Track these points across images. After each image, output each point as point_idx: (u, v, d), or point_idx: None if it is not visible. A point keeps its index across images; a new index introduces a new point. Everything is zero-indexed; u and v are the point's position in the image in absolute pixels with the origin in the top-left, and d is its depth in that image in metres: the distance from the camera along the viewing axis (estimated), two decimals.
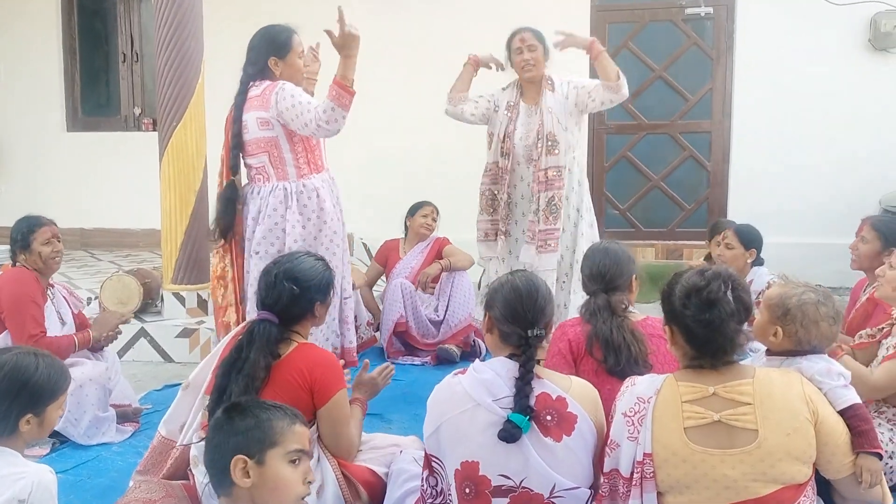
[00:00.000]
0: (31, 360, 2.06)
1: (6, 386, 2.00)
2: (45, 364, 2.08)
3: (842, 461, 2.00)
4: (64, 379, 2.15)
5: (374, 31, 4.09)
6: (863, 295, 3.55)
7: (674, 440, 1.94)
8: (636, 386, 2.07)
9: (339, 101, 3.18)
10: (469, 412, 2.11)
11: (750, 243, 4.05)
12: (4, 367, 2.02)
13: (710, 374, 1.99)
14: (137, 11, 7.96)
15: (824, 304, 2.29)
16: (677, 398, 1.98)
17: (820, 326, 2.26)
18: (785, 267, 4.83)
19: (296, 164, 3.41)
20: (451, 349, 4.77)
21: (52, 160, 7.91)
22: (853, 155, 6.61)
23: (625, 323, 2.66)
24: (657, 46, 7.15)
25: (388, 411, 3.83)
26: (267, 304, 2.56)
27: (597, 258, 2.83)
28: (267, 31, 3.47)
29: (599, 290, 2.76)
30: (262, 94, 3.35)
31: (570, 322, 2.82)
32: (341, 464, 2.55)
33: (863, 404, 2.21)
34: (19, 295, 3.39)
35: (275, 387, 2.45)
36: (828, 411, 1.99)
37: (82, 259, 7.22)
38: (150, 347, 4.83)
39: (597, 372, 2.61)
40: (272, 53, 3.41)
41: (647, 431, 1.97)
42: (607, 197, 7.33)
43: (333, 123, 3.21)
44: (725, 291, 1.97)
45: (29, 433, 2.06)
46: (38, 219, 3.55)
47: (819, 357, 2.29)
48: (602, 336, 2.63)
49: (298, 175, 3.41)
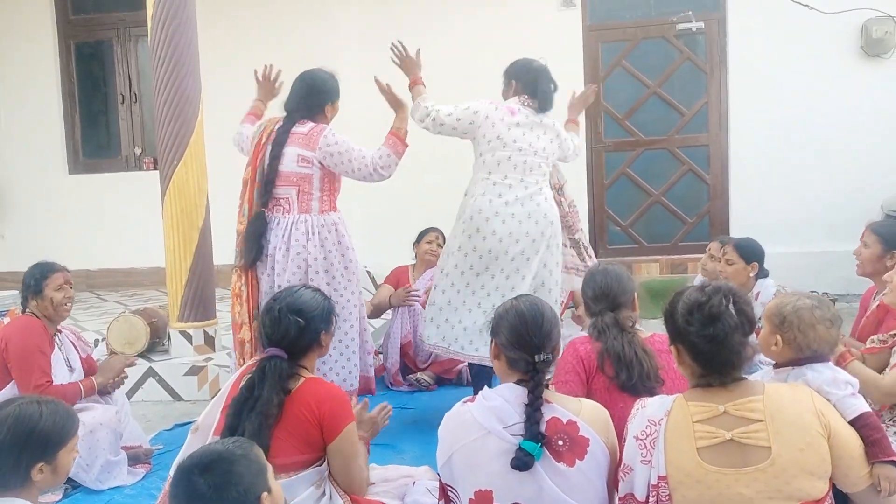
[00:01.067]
0: (35, 409, 2.04)
1: (12, 438, 1.98)
2: (49, 410, 2.06)
3: (858, 474, 1.97)
4: (72, 422, 2.13)
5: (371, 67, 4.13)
6: (873, 302, 3.54)
7: (687, 461, 1.92)
8: (646, 408, 2.05)
9: (395, 149, 3.69)
10: (480, 440, 2.09)
11: (750, 257, 4.04)
12: (8, 420, 2.00)
13: (720, 392, 1.97)
14: (134, 52, 8.04)
15: (819, 307, 2.30)
16: (688, 418, 1.96)
17: (817, 330, 2.27)
18: (791, 276, 4.85)
19: (320, 199, 3.64)
20: (422, 378, 4.87)
21: (55, 203, 7.96)
22: (853, 160, 6.63)
23: (635, 338, 2.66)
24: (651, 63, 7.20)
25: (400, 441, 3.81)
26: (274, 339, 2.56)
27: (598, 279, 2.84)
28: (321, 76, 3.75)
29: (605, 308, 2.76)
30: (309, 134, 3.61)
31: (580, 340, 2.79)
32: (353, 499, 2.54)
33: (872, 412, 2.19)
34: (26, 344, 3.39)
35: (285, 423, 2.44)
36: (840, 424, 1.98)
37: (88, 300, 7.23)
38: (158, 387, 4.82)
39: (609, 389, 2.60)
40: (330, 98, 3.74)
41: (659, 454, 1.95)
42: (608, 214, 7.35)
43: (387, 169, 3.69)
44: (727, 305, 1.97)
45: (43, 481, 2.04)
46: (52, 265, 3.56)
47: (824, 366, 2.29)
48: (614, 352, 2.62)
49: (320, 210, 3.64)
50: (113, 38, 8.08)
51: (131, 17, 7.78)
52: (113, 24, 8.05)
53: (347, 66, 7.02)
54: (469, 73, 4.45)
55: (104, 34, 8.11)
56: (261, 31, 7.32)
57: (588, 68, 7.19)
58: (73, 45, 8.14)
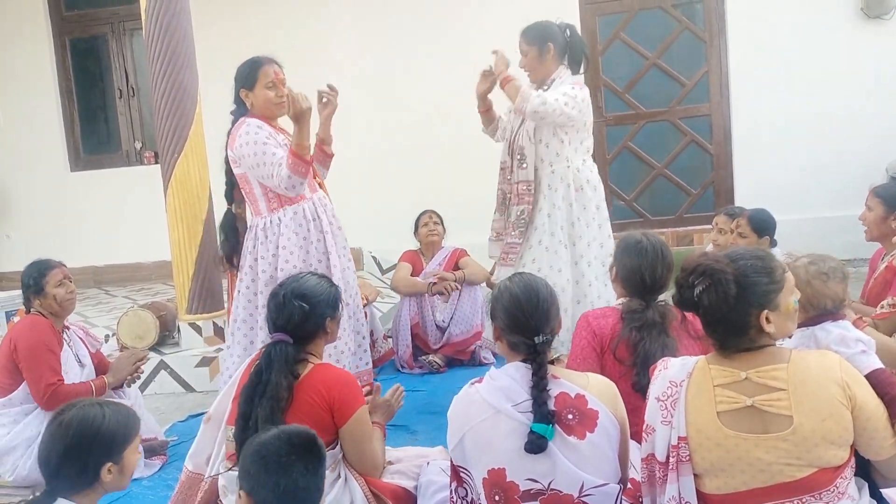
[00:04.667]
0: (98, 410, 2.05)
1: (78, 441, 1.98)
2: (111, 411, 2.07)
3: (882, 444, 1.95)
4: (134, 421, 2.15)
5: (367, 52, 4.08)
6: (880, 264, 3.55)
7: (707, 424, 1.93)
8: (668, 370, 2.05)
9: (296, 171, 3.23)
10: (490, 420, 2.10)
11: (763, 231, 4.02)
12: (73, 423, 2.00)
13: (744, 357, 1.95)
14: (130, 46, 8.02)
15: (813, 263, 2.30)
16: (709, 382, 1.95)
17: (813, 285, 2.27)
18: (798, 243, 4.81)
19: (266, 197, 3.41)
20: (433, 360, 4.89)
21: (58, 202, 7.97)
22: (856, 125, 6.58)
23: (670, 343, 2.55)
24: (649, 34, 7.14)
25: (413, 423, 3.84)
26: (279, 325, 2.57)
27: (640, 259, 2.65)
28: (239, 65, 3.49)
29: (651, 298, 2.64)
30: (232, 134, 3.41)
31: (593, 314, 2.74)
32: (369, 481, 2.55)
33: (885, 369, 2.20)
34: (35, 344, 3.41)
35: (296, 409, 2.45)
36: (867, 394, 1.93)
37: (96, 297, 7.25)
38: (170, 379, 4.85)
39: (622, 378, 2.51)
40: (241, 85, 3.45)
41: (680, 415, 1.95)
42: (612, 188, 7.31)
43: (293, 190, 3.30)
44: (729, 275, 1.95)
45: (112, 482, 2.04)
46: (48, 262, 3.56)
47: (834, 325, 2.29)
48: (644, 354, 2.51)
49: (269, 209, 3.41)
50: (108, 33, 8.05)
51: (125, 11, 7.76)
52: (107, 18, 8.01)
53: (341, 55, 7.01)
54: (466, 48, 4.41)
55: (98, 29, 8.08)
56: (257, 20, 7.28)
57: (586, 42, 7.12)
58: (69, 42, 8.11)
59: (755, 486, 1.89)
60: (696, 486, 1.95)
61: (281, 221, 3.39)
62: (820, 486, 1.87)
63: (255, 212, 3.46)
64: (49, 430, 2.03)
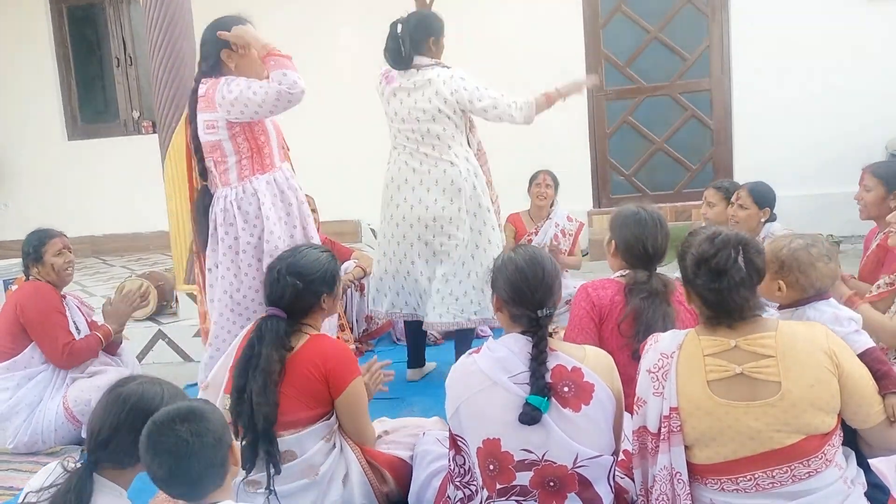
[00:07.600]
0: (157, 390, 1.97)
1: (133, 417, 1.89)
2: (169, 393, 1.98)
3: (868, 411, 1.99)
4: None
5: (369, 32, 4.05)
6: (873, 242, 3.55)
7: (697, 393, 1.96)
8: (659, 343, 2.08)
9: (281, 65, 3.02)
10: (486, 391, 2.12)
11: (763, 202, 4.00)
12: (131, 398, 1.93)
13: (733, 327, 2.00)
14: (127, 15, 7.94)
15: (813, 245, 2.31)
16: (699, 352, 1.99)
17: (817, 267, 2.29)
18: (797, 219, 4.83)
19: (238, 165, 3.18)
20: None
21: (55, 171, 7.95)
22: (857, 101, 6.55)
23: (670, 312, 2.55)
24: (651, 8, 7.09)
25: (410, 394, 3.86)
26: (273, 300, 2.57)
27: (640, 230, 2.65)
28: (216, 23, 3.22)
29: (653, 268, 2.65)
30: (207, 94, 3.13)
31: (592, 285, 2.73)
32: (365, 451, 2.58)
33: (877, 347, 2.22)
34: (43, 308, 3.45)
35: (292, 380, 2.47)
36: (853, 364, 1.98)
37: (94, 266, 7.26)
38: (168, 349, 4.87)
39: (621, 349, 2.51)
40: (223, 45, 3.17)
41: (671, 386, 1.99)
42: (611, 163, 7.30)
43: (294, 86, 3.01)
44: (736, 258, 1.96)
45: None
46: (48, 231, 3.58)
47: (826, 304, 2.31)
48: (646, 323, 2.50)
49: (240, 178, 3.18)
50: (105, 1, 7.96)
51: None
52: None
53: (343, 25, 6.94)
54: (463, 28, 4.38)
55: None
56: None
57: (587, 16, 7.08)
58: (65, 9, 8.03)
59: (745, 454, 1.93)
60: (686, 457, 1.99)
61: (257, 190, 3.18)
62: (808, 454, 1.91)
63: (223, 181, 3.21)
64: (105, 400, 1.95)
